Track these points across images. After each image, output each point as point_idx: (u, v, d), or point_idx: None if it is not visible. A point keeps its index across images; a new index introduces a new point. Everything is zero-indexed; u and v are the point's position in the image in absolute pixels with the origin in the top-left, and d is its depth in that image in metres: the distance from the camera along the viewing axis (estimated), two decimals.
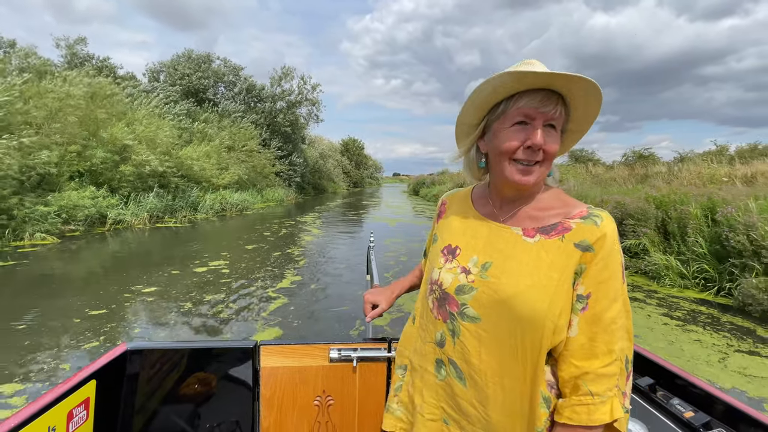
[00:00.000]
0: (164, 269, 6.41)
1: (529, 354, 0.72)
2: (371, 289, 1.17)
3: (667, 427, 1.02)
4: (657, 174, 12.96)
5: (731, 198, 6.32)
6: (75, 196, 9.72)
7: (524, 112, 0.72)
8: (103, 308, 4.53)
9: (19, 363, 3.22)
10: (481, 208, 0.87)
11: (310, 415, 1.25)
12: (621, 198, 7.90)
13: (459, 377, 0.78)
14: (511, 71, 0.70)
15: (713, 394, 1.01)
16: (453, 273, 0.80)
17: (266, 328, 4.10)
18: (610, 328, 0.69)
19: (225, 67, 25.77)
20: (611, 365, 0.69)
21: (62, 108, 10.75)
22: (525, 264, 0.73)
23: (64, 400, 0.93)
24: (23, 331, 3.84)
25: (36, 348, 3.49)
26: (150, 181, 12.66)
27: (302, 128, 29.76)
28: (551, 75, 0.68)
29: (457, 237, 0.86)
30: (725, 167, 11.99)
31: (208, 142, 18.42)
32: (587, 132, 0.80)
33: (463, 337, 0.76)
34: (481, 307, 0.75)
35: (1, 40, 18.30)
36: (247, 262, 7.07)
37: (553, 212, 0.77)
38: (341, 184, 45.15)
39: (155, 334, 3.91)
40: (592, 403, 0.69)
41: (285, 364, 1.24)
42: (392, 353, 1.25)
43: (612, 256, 0.70)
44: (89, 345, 3.58)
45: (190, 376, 1.21)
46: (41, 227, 8.64)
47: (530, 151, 0.73)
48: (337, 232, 11.78)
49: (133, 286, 5.41)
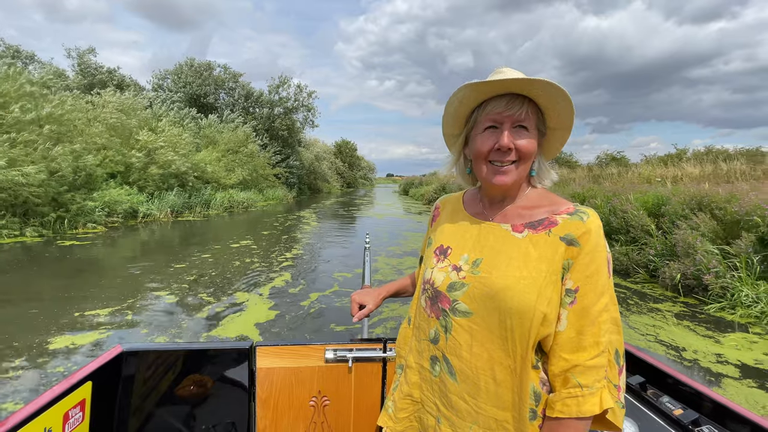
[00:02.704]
0: (210, 245, 8.65)
1: (518, 346, 0.73)
2: (360, 290, 1.18)
3: (657, 424, 1.04)
4: (609, 175, 15.25)
5: (630, 191, 8.50)
6: (115, 193, 11.68)
7: (492, 118, 0.77)
8: (184, 263, 6.64)
9: (134, 295, 5.28)
10: (471, 208, 0.90)
11: (306, 416, 1.26)
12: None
13: (450, 372, 0.80)
14: (468, 83, 0.76)
15: (702, 392, 1.03)
16: (444, 271, 0.83)
17: (282, 273, 6.34)
18: (597, 320, 0.72)
19: (225, 74, 27.69)
20: (599, 356, 0.72)
21: (98, 118, 12.70)
22: (514, 258, 0.76)
23: (60, 401, 0.93)
24: (118, 284, 5.90)
25: (143, 288, 5.55)
26: (171, 181, 14.63)
27: (298, 132, 31.78)
28: (504, 82, 0.73)
29: (448, 238, 0.88)
30: (660, 168, 14.29)
31: (215, 146, 20.42)
32: (571, 127, 0.81)
33: (455, 332, 0.78)
34: (472, 301, 0.77)
35: (12, 48, 20.18)
36: (266, 242, 9.37)
37: (541, 209, 0.80)
38: (335, 184, 47.37)
39: (220, 275, 5.96)
40: (581, 395, 0.71)
41: (281, 365, 1.25)
42: (387, 353, 1.27)
43: (598, 251, 0.73)
44: (182, 285, 5.64)
45: (185, 377, 1.22)
46: (90, 218, 10.60)
47: (500, 153, 0.77)
48: (331, 224, 13.96)
49: (194, 254, 7.60)
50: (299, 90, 29.76)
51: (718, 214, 5.93)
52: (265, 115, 27.87)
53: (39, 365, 3.23)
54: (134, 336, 3.86)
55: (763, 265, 5.00)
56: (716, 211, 6.00)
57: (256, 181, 22.73)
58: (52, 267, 6.58)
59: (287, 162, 28.62)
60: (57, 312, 4.46)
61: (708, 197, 6.25)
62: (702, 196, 6.37)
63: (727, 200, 5.93)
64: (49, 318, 4.25)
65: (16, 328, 4.00)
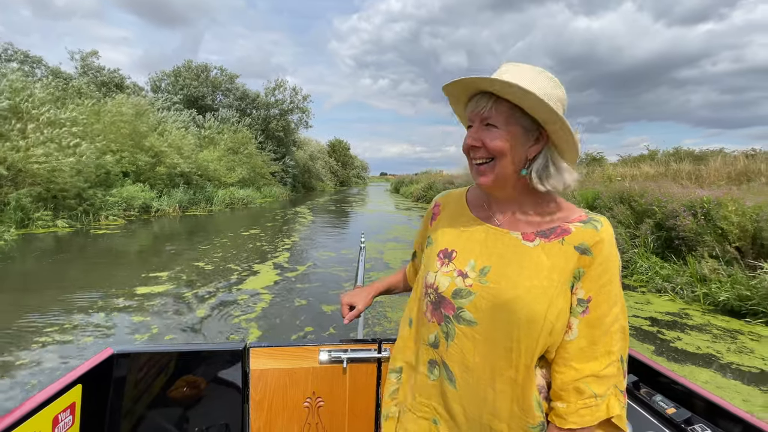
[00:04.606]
0: (224, 234, 10.20)
1: (522, 357, 0.72)
2: (350, 290, 1.17)
3: (649, 423, 1.05)
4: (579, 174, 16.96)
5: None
6: (131, 190, 13.02)
7: (468, 116, 0.79)
8: (208, 245, 8.11)
9: (162, 269, 6.72)
10: (476, 210, 0.87)
11: (300, 417, 1.26)
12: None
13: (449, 379, 0.78)
14: (443, 85, 0.77)
15: (694, 391, 1.04)
16: (450, 277, 0.80)
17: (282, 253, 7.85)
18: (609, 330, 0.71)
19: (222, 76, 28.91)
20: (610, 366, 0.72)
21: (114, 122, 14.01)
22: (525, 268, 0.74)
23: (49, 405, 0.92)
24: (165, 259, 7.34)
25: (183, 261, 7.00)
26: (177, 180, 15.99)
27: (293, 133, 33.17)
28: (461, 81, 0.74)
29: (452, 240, 0.85)
30: (624, 168, 15.97)
31: (215, 146, 21.75)
32: (557, 120, 0.71)
33: (457, 339, 0.77)
34: (478, 311, 0.75)
35: (21, 53, 21.25)
36: (270, 231, 10.95)
37: (551, 216, 0.78)
38: (329, 183, 48.86)
39: (239, 253, 7.40)
40: (596, 404, 0.71)
41: (274, 366, 1.24)
42: (382, 354, 1.26)
43: (611, 261, 0.72)
44: (212, 259, 7.08)
45: (178, 379, 1.21)
46: (112, 212, 11.95)
47: (473, 149, 0.77)
48: (324, 218, 15.46)
49: (214, 240, 9.09)
50: (294, 92, 31.19)
51: (634, 205, 7.51)
52: (262, 116, 29.22)
53: (135, 300, 4.69)
54: (190, 287, 5.33)
55: (656, 244, 6.58)
56: (632, 203, 7.58)
57: (254, 179, 24.10)
58: (103, 249, 8.06)
59: (283, 161, 30.00)
60: (130, 275, 5.96)
61: (627, 192, 7.83)
62: (623, 191, 7.95)
63: (640, 195, 7.51)
64: (127, 279, 5.70)
65: (111, 282, 5.51)
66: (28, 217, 9.97)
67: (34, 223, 9.99)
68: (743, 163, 11.00)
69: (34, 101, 11.04)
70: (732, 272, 5.04)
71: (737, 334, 4.07)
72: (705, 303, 4.94)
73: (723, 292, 4.83)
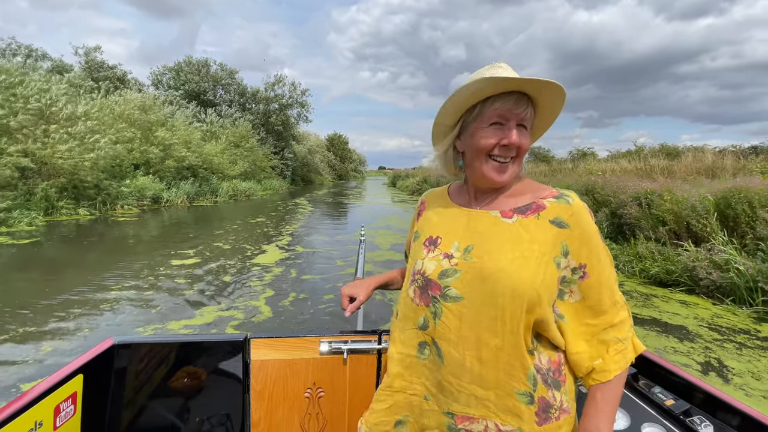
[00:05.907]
0: (234, 221, 11.26)
1: (508, 324, 0.75)
2: (350, 282, 1.18)
3: (648, 414, 1.06)
4: (563, 169, 17.93)
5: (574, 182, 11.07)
6: (144, 181, 13.97)
7: (500, 114, 0.79)
8: (222, 230, 9.12)
9: (190, 245, 7.74)
10: (458, 199, 0.92)
11: (301, 407, 1.27)
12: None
13: (438, 355, 0.81)
14: (489, 77, 0.76)
15: (693, 383, 1.05)
16: (436, 260, 0.83)
17: (285, 237, 8.91)
18: (608, 283, 0.78)
19: (222, 71, 29.60)
20: (622, 310, 0.79)
21: (123, 116, 14.90)
22: (507, 241, 0.78)
23: (51, 394, 0.93)
24: (187, 241, 8.35)
25: (203, 243, 8.01)
26: (184, 172, 16.92)
27: (293, 127, 34.01)
28: (524, 80, 0.75)
29: (437, 228, 0.89)
30: (605, 163, 16.97)
31: (217, 140, 22.63)
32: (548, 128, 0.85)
33: (444, 317, 0.79)
34: (464, 286, 0.78)
35: (26, 47, 21.97)
36: (275, 219, 12.08)
37: (526, 196, 0.83)
38: (327, 176, 49.83)
39: (251, 236, 8.40)
40: (624, 347, 0.77)
41: (275, 357, 1.26)
42: (382, 345, 1.28)
43: (588, 225, 0.78)
44: (228, 240, 8.08)
45: (179, 370, 1.22)
46: (127, 202, 12.90)
47: (506, 149, 0.79)
48: (323, 209, 16.50)
49: (226, 227, 10.12)
50: (293, 88, 31.99)
51: (597, 196, 8.54)
52: (261, 111, 30.03)
53: (173, 270, 5.71)
54: (215, 261, 6.33)
55: (610, 229, 7.62)
56: (595, 194, 8.60)
57: (255, 172, 25.02)
58: (131, 233, 9.08)
59: (282, 155, 30.88)
60: (162, 252, 7.00)
61: (592, 185, 8.86)
62: (589, 184, 8.98)
63: (602, 187, 8.54)
64: (163, 254, 6.72)
65: (152, 255, 6.54)
66: (53, 205, 10.92)
67: (58, 211, 10.94)
68: (710, 160, 12.08)
69: (56, 101, 11.93)
70: (664, 251, 6.09)
71: (653, 297, 5.13)
72: (641, 276, 5.99)
73: (654, 267, 5.87)
